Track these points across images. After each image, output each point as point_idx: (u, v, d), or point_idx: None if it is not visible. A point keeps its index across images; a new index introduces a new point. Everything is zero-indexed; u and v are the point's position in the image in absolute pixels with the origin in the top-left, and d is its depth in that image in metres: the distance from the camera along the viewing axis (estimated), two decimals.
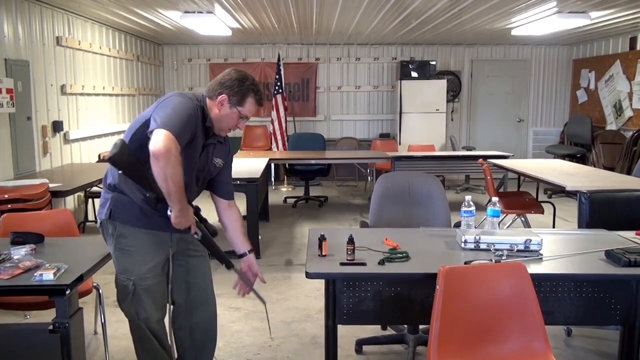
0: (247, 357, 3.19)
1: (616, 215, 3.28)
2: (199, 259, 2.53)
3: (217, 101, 2.31)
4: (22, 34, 5.15)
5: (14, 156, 4.96)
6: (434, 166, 7.19)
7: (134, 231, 2.31)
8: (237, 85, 2.30)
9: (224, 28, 6.84)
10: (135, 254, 2.32)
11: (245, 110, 2.33)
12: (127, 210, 2.29)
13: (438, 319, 2.05)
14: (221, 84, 2.32)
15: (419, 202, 3.37)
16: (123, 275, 2.34)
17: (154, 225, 2.31)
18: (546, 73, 9.74)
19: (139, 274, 2.32)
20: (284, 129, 8.72)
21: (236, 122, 2.35)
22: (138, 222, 2.31)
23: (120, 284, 2.35)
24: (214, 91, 2.32)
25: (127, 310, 2.37)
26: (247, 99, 2.32)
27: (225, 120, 2.34)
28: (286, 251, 5.34)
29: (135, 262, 2.32)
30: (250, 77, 2.35)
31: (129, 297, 2.33)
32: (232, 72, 2.34)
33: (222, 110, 2.31)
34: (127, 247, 2.32)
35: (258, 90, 2.35)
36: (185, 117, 2.14)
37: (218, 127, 2.35)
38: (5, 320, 3.45)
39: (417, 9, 5.96)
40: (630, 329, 2.37)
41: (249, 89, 2.31)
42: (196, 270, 2.52)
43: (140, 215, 2.30)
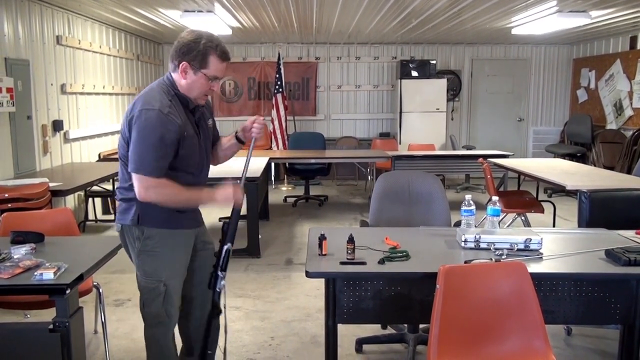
0: (248, 356, 3.19)
1: (616, 214, 3.28)
2: (208, 252, 2.53)
3: (180, 71, 2.19)
4: (22, 33, 5.15)
5: (14, 155, 4.97)
6: (434, 165, 7.18)
7: (162, 232, 2.29)
8: (194, 47, 2.16)
9: (224, 27, 6.83)
10: (164, 255, 2.29)
11: (212, 70, 2.20)
12: (156, 213, 2.24)
13: (438, 318, 2.05)
14: (178, 52, 2.19)
15: (419, 202, 3.37)
16: (151, 278, 2.28)
17: (182, 224, 2.34)
18: (546, 72, 9.74)
19: (170, 273, 2.30)
20: (284, 128, 8.72)
21: (207, 86, 2.23)
22: (166, 224, 2.28)
23: (148, 287, 2.29)
24: (174, 62, 2.21)
25: (156, 312, 2.31)
26: (209, 59, 2.18)
27: (195, 88, 2.22)
28: (286, 250, 5.34)
29: (165, 262, 2.29)
30: (206, 34, 2.20)
31: (159, 299, 2.29)
32: (185, 35, 2.20)
33: (188, 79, 2.20)
34: (155, 249, 2.28)
35: (217, 44, 2.19)
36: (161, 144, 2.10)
37: (192, 97, 2.25)
38: (5, 319, 3.46)
39: (417, 8, 5.96)
40: (630, 328, 2.37)
41: (207, 47, 2.17)
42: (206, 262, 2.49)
43: (169, 217, 2.27)
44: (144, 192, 2.12)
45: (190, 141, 2.23)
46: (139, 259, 2.30)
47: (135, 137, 2.11)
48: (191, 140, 2.24)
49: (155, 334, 2.37)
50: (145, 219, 2.26)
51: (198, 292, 2.51)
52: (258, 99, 9.59)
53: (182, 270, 2.37)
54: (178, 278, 2.35)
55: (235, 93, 9.55)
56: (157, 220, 2.27)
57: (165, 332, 2.37)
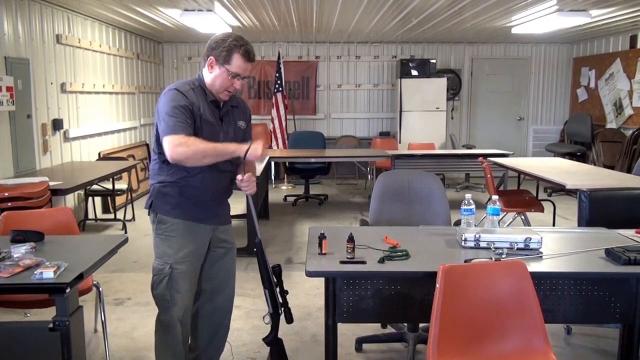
0: (248, 355, 3.20)
1: (616, 213, 3.28)
2: (227, 251, 2.62)
3: (207, 65, 2.39)
4: (22, 32, 5.15)
5: (14, 154, 4.96)
6: (434, 164, 7.19)
7: (173, 220, 2.41)
8: (221, 43, 2.35)
9: (224, 26, 6.83)
10: (173, 239, 2.40)
11: (233, 67, 2.36)
12: (166, 201, 2.41)
13: (438, 317, 2.05)
14: (208, 48, 2.40)
15: (419, 201, 3.37)
16: (160, 260, 2.41)
17: (192, 217, 2.43)
18: (546, 71, 9.74)
19: (176, 258, 2.40)
20: (284, 127, 8.72)
21: (229, 81, 2.38)
22: (175, 212, 2.41)
23: (157, 268, 2.42)
24: (204, 57, 2.41)
25: (162, 295, 2.41)
26: (233, 55, 2.35)
27: (218, 82, 2.39)
28: (286, 249, 5.34)
29: (173, 246, 2.40)
30: (235, 35, 2.39)
31: (165, 281, 2.39)
32: (217, 35, 2.41)
33: (213, 72, 2.38)
34: (166, 233, 2.41)
35: (243, 44, 2.37)
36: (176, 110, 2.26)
37: (215, 91, 2.41)
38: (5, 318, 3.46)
39: (417, 7, 5.96)
40: (630, 327, 2.38)
41: (232, 45, 2.35)
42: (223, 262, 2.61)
43: (178, 206, 2.41)
44: (172, 151, 2.21)
45: (208, 127, 2.36)
46: (154, 241, 2.46)
47: (159, 112, 2.32)
48: (209, 127, 2.37)
49: (161, 320, 2.45)
50: (156, 205, 2.43)
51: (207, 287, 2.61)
52: (258, 98, 9.59)
53: (191, 259, 2.44)
54: (186, 265, 2.42)
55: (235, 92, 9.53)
56: (166, 208, 2.41)
57: (168, 319, 2.43)
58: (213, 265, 2.60)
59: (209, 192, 2.47)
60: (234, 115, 2.54)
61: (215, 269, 2.61)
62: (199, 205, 2.46)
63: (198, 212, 2.46)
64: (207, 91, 2.41)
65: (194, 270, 2.49)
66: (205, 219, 2.50)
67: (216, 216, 2.56)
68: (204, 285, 2.61)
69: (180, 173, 2.38)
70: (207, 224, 2.51)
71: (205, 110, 2.38)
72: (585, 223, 3.28)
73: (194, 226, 2.45)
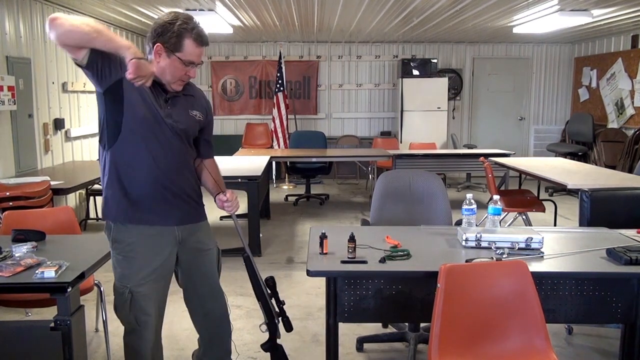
0: (249, 354, 3.20)
1: (617, 213, 3.28)
2: (205, 254, 2.36)
3: (154, 53, 2.07)
4: (24, 32, 5.15)
5: (16, 154, 4.97)
6: (435, 164, 7.18)
7: (128, 230, 2.15)
8: (168, 29, 2.04)
9: (225, 26, 6.83)
10: (132, 260, 2.16)
11: (186, 54, 2.06)
12: (115, 204, 2.14)
13: (439, 317, 2.05)
14: (152, 33, 2.08)
15: (420, 200, 3.37)
16: (119, 282, 2.18)
17: (150, 218, 2.16)
18: (548, 71, 9.73)
19: (136, 280, 2.15)
20: (285, 126, 8.72)
21: (182, 70, 2.10)
22: (127, 216, 2.14)
23: (117, 291, 2.19)
24: (149, 44, 2.10)
25: (126, 319, 2.20)
26: (184, 42, 2.05)
27: (169, 72, 2.09)
28: (287, 249, 5.34)
29: (132, 268, 2.16)
30: (183, 15, 2.08)
31: (127, 305, 2.16)
32: (163, 17, 2.10)
33: (162, 62, 2.07)
34: (123, 253, 2.16)
35: (194, 27, 2.07)
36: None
37: (166, 81, 2.12)
38: (6, 317, 3.46)
39: (418, 7, 5.95)
40: (631, 327, 2.37)
41: (182, 30, 2.04)
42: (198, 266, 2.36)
43: (129, 207, 2.13)
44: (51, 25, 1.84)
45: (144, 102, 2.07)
46: (112, 260, 2.22)
47: None
48: (146, 103, 2.07)
49: (129, 340, 2.24)
50: (105, 210, 2.16)
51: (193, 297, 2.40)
52: (259, 97, 9.59)
53: (155, 278, 2.20)
54: (148, 287, 2.17)
55: (236, 92, 9.55)
56: (118, 213, 2.14)
57: (137, 339, 2.22)
58: (190, 277, 2.35)
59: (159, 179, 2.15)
60: (187, 102, 2.23)
61: (192, 280, 2.36)
62: (152, 200, 2.16)
63: (155, 213, 2.16)
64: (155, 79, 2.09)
65: (161, 287, 2.24)
66: (163, 218, 2.19)
67: (178, 213, 2.23)
68: (188, 298, 2.40)
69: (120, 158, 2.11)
70: (167, 225, 2.21)
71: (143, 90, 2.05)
72: (586, 223, 3.27)
73: (155, 231, 2.18)
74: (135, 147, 2.11)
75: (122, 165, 2.12)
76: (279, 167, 9.08)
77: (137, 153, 2.11)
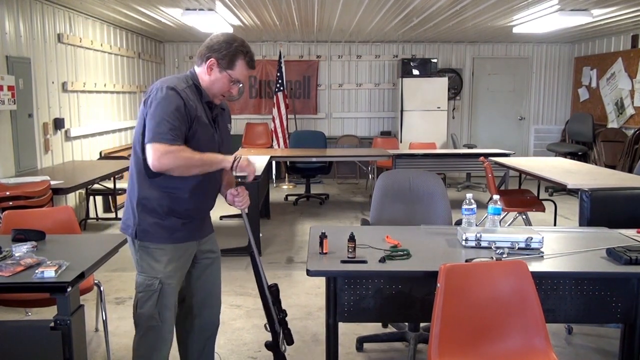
0: (248, 354, 3.20)
1: (617, 213, 3.28)
2: (213, 262, 2.46)
3: (206, 66, 2.21)
4: (24, 31, 5.15)
5: (16, 153, 4.97)
6: (435, 164, 7.18)
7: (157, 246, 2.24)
8: (225, 47, 2.19)
9: (225, 25, 6.83)
10: (160, 252, 2.23)
11: (236, 73, 2.22)
12: (154, 229, 2.22)
13: (439, 317, 2.05)
14: (208, 48, 2.22)
15: (420, 200, 3.37)
16: (147, 274, 2.22)
17: (184, 236, 2.27)
18: (548, 71, 9.73)
19: (166, 272, 2.22)
20: (285, 126, 8.72)
21: (228, 87, 2.24)
22: (165, 239, 2.23)
23: (144, 283, 2.21)
24: (202, 57, 2.23)
25: (150, 314, 2.21)
26: (237, 62, 2.20)
27: (216, 86, 2.23)
28: (287, 249, 5.34)
29: (162, 259, 2.22)
30: (239, 39, 2.23)
31: (154, 297, 2.19)
32: (219, 35, 2.23)
33: (212, 75, 2.21)
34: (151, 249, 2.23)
35: (248, 51, 2.23)
36: (172, 115, 2.07)
37: (210, 94, 2.25)
38: (6, 317, 3.46)
39: (418, 6, 5.95)
40: (631, 327, 2.37)
41: (238, 51, 2.20)
42: (208, 273, 2.45)
43: (168, 231, 2.23)
44: (158, 160, 2.02)
45: (203, 130, 2.20)
46: (137, 255, 2.25)
47: (151, 111, 2.09)
48: (205, 129, 2.21)
49: (145, 342, 2.25)
50: (142, 235, 2.22)
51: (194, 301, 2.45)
52: (259, 97, 9.59)
53: (178, 275, 2.29)
54: (174, 281, 2.26)
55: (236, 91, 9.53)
56: (155, 237, 2.22)
57: (155, 339, 2.24)
58: (199, 277, 2.43)
59: (199, 204, 2.30)
60: (223, 117, 2.41)
61: (201, 282, 2.44)
62: (187, 221, 2.27)
63: (187, 230, 2.28)
64: (203, 92, 2.24)
65: (179, 286, 2.33)
66: (193, 236, 2.33)
67: (202, 229, 2.39)
68: (190, 300, 2.45)
69: (168, 183, 2.18)
70: (194, 240, 2.35)
71: (201, 112, 2.20)
72: (586, 223, 3.27)
73: (182, 247, 2.29)
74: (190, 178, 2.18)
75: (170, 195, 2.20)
76: (278, 166, 9.09)
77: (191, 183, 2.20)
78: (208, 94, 2.24)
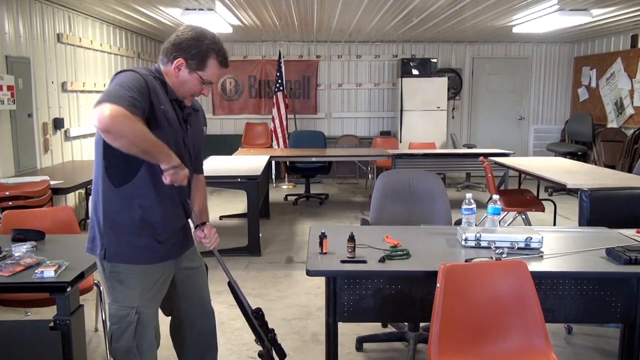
0: (248, 354, 3.20)
1: (617, 213, 3.28)
2: (196, 272, 2.27)
3: (173, 66, 1.97)
4: (23, 31, 5.15)
5: (15, 153, 4.97)
6: (435, 164, 7.18)
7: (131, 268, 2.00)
8: (195, 45, 1.95)
9: (224, 25, 6.83)
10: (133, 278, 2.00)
11: (208, 74, 1.99)
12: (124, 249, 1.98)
13: (438, 317, 2.05)
14: (175, 46, 1.96)
15: (420, 200, 3.37)
16: (120, 304, 1.99)
17: (159, 256, 2.04)
18: (547, 71, 9.73)
19: (143, 299, 2.00)
20: (285, 126, 8.72)
21: (199, 88, 2.01)
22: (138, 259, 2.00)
23: (118, 315, 1.99)
24: (168, 55, 1.98)
25: (126, 348, 2.00)
26: (209, 62, 1.97)
27: (186, 87, 2.00)
28: (287, 249, 5.34)
29: (135, 287, 2.00)
30: (210, 35, 1.99)
31: (131, 330, 1.98)
32: (187, 31, 1.98)
33: (181, 76, 1.98)
34: (122, 276, 2.00)
35: (220, 49, 1.99)
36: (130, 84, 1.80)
37: (179, 94, 2.02)
38: (6, 317, 3.46)
39: (418, 6, 5.96)
40: (630, 327, 2.37)
41: (209, 50, 1.97)
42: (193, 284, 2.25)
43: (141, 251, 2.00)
44: (110, 119, 1.67)
45: (171, 127, 1.95)
46: (108, 282, 2.01)
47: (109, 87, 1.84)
48: (172, 127, 1.96)
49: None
50: (112, 255, 1.98)
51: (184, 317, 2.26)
52: (259, 97, 9.59)
53: (157, 300, 2.09)
54: (152, 309, 2.05)
55: (236, 91, 9.55)
56: (129, 257, 1.98)
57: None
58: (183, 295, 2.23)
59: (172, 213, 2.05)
60: (197, 118, 2.15)
61: (186, 298, 2.24)
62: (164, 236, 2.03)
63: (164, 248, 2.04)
64: (169, 87, 1.99)
65: (157, 307, 2.12)
66: (171, 254, 2.10)
67: (181, 245, 2.16)
68: (180, 317, 2.26)
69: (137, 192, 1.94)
70: (172, 259, 2.11)
71: (167, 106, 1.95)
72: (586, 223, 3.27)
73: (158, 267, 2.05)
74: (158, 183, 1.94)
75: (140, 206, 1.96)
76: (278, 166, 9.08)
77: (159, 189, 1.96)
78: (176, 94, 2.02)
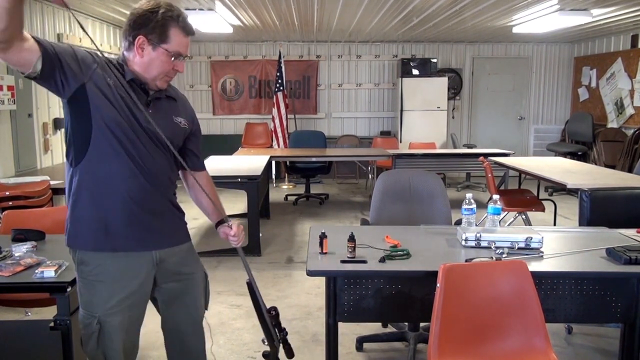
0: (248, 354, 3.20)
1: (617, 213, 3.28)
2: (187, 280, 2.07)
3: (136, 47, 1.82)
4: None
5: (15, 153, 4.97)
6: (435, 164, 7.18)
7: (97, 257, 1.85)
8: (151, 18, 1.80)
9: (225, 25, 6.83)
10: (99, 285, 1.85)
11: (173, 45, 1.83)
12: (85, 230, 1.84)
13: (439, 317, 2.05)
14: (132, 25, 1.82)
15: (420, 200, 3.37)
16: (85, 311, 1.87)
17: (126, 244, 1.86)
18: (547, 71, 9.73)
19: (106, 308, 1.84)
20: (285, 126, 8.72)
21: (169, 64, 1.86)
22: (100, 243, 1.84)
23: (83, 322, 1.87)
24: (127, 37, 1.84)
25: (93, 355, 1.88)
26: (170, 31, 1.82)
27: (155, 67, 1.84)
28: (287, 249, 5.34)
29: (102, 294, 1.85)
30: (164, 3, 1.85)
31: (94, 339, 1.85)
32: (140, 8, 1.83)
33: (146, 55, 1.83)
34: (91, 277, 1.85)
35: (179, 14, 1.85)
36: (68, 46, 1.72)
37: (151, 78, 1.86)
38: (6, 317, 3.46)
39: (418, 6, 5.96)
40: (631, 326, 2.37)
41: (167, 17, 1.82)
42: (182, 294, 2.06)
43: (101, 233, 1.83)
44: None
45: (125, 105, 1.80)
46: (77, 285, 1.91)
47: None
48: (127, 106, 1.81)
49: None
50: (74, 240, 1.86)
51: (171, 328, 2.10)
52: (259, 97, 9.58)
53: (129, 305, 1.89)
54: (120, 316, 1.87)
55: (236, 91, 9.55)
56: (87, 240, 1.84)
57: None
58: (169, 306, 2.05)
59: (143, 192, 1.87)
60: (170, 106, 1.97)
61: (172, 311, 2.05)
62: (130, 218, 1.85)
63: (132, 233, 1.86)
64: (127, 69, 1.84)
65: (135, 316, 1.93)
66: (143, 243, 1.89)
67: (157, 234, 1.93)
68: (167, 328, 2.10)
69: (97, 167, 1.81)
70: (145, 250, 1.90)
71: (120, 88, 1.80)
72: (586, 222, 3.27)
73: (129, 257, 1.87)
74: (109, 161, 1.81)
75: (94, 184, 1.82)
76: (278, 166, 9.08)
77: (110, 168, 1.81)
78: (147, 78, 1.86)
